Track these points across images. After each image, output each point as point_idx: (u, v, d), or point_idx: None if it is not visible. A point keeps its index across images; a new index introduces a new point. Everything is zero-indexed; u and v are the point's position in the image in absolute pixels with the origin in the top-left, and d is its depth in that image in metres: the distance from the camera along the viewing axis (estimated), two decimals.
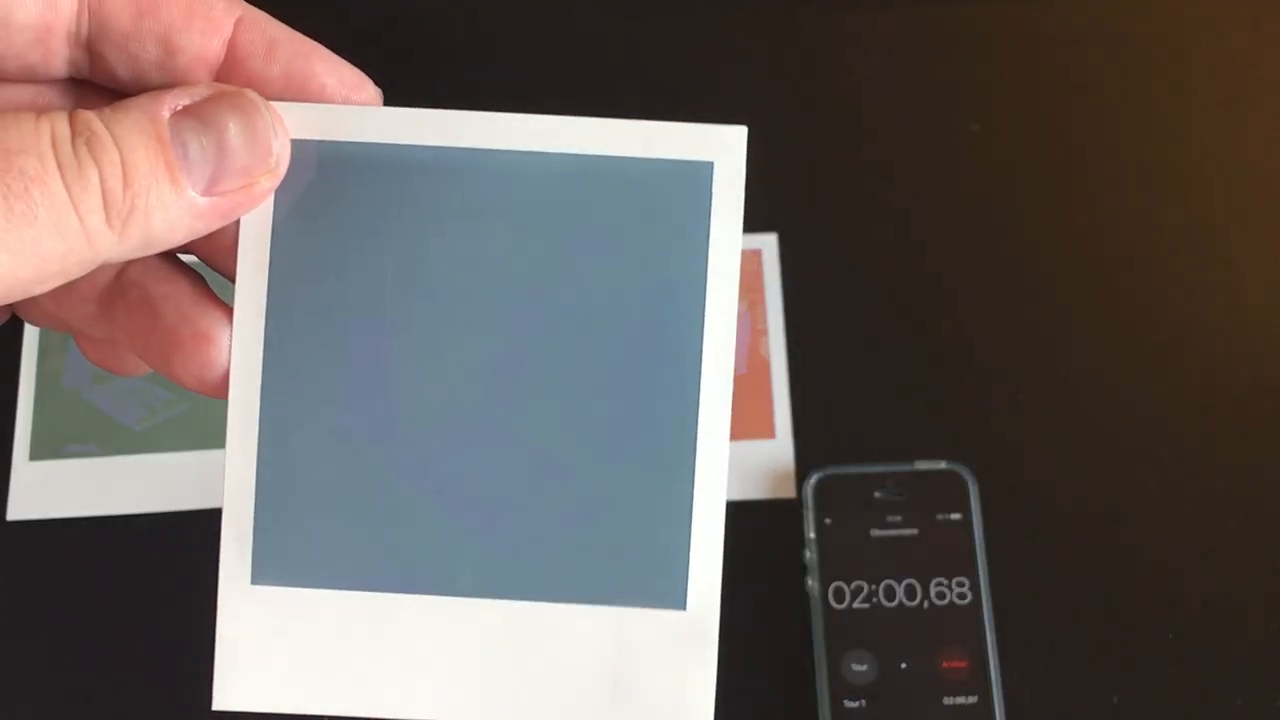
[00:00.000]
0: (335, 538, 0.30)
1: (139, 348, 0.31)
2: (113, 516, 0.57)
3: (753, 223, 0.61)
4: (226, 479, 0.30)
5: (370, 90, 0.30)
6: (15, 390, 0.59)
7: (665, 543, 0.30)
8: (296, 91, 0.29)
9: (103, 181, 0.26)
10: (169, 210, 0.27)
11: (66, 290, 0.30)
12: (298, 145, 0.29)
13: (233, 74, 0.29)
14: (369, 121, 0.29)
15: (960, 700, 0.52)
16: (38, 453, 0.58)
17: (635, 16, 0.66)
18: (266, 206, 0.29)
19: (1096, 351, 0.59)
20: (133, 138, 0.27)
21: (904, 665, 0.52)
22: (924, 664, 0.52)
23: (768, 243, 0.61)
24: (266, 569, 0.30)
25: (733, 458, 0.58)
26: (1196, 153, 0.63)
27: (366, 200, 0.29)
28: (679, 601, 0.30)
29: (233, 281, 0.30)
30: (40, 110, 0.27)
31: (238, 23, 0.29)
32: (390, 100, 0.31)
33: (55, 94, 0.30)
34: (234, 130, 0.28)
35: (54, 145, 0.26)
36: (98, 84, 0.30)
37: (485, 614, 0.30)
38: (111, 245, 0.27)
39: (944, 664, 0.52)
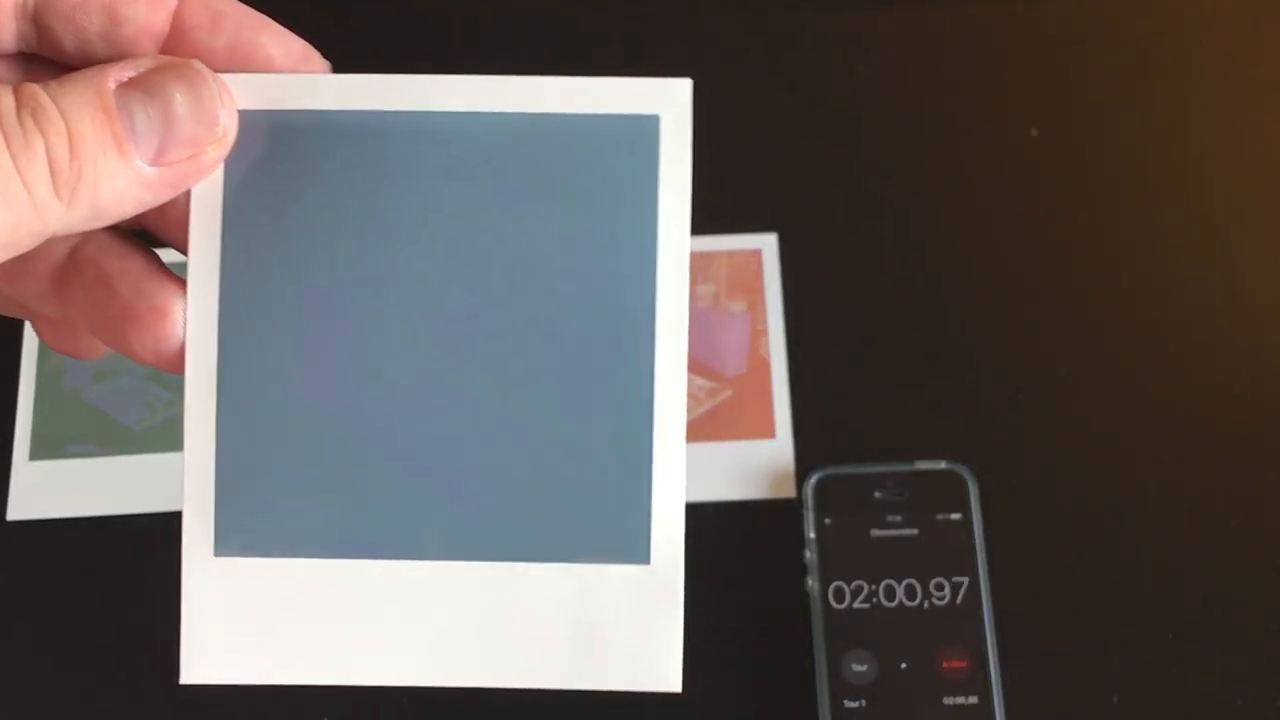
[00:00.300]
0: (298, 506, 0.29)
1: (95, 325, 0.30)
2: (113, 516, 0.57)
3: (753, 223, 0.61)
4: (186, 451, 0.29)
5: (318, 61, 0.30)
6: (15, 390, 0.59)
7: (627, 498, 0.29)
8: (243, 62, 0.29)
9: (49, 151, 0.26)
10: (117, 180, 0.27)
11: (20, 269, 0.30)
12: (246, 116, 0.29)
13: (179, 46, 0.29)
14: (316, 89, 0.29)
15: (960, 700, 0.52)
16: (38, 453, 0.58)
17: (633, 16, 0.66)
18: (217, 178, 0.29)
19: (1096, 351, 0.59)
20: (79, 109, 0.27)
21: (904, 665, 0.52)
22: (924, 664, 0.52)
23: (768, 243, 0.61)
24: (229, 540, 0.30)
25: (733, 458, 0.58)
26: (1196, 153, 0.63)
27: (317, 168, 0.29)
28: (643, 556, 0.30)
29: (186, 255, 0.30)
30: None
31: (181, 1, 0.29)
32: (348, 69, 0.31)
33: (3, 69, 0.30)
34: (180, 100, 0.28)
35: None
36: (46, 58, 0.30)
37: (452, 576, 0.29)
38: (60, 216, 0.27)
39: (944, 664, 0.52)
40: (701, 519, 0.56)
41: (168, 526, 0.56)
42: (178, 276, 0.30)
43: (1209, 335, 0.59)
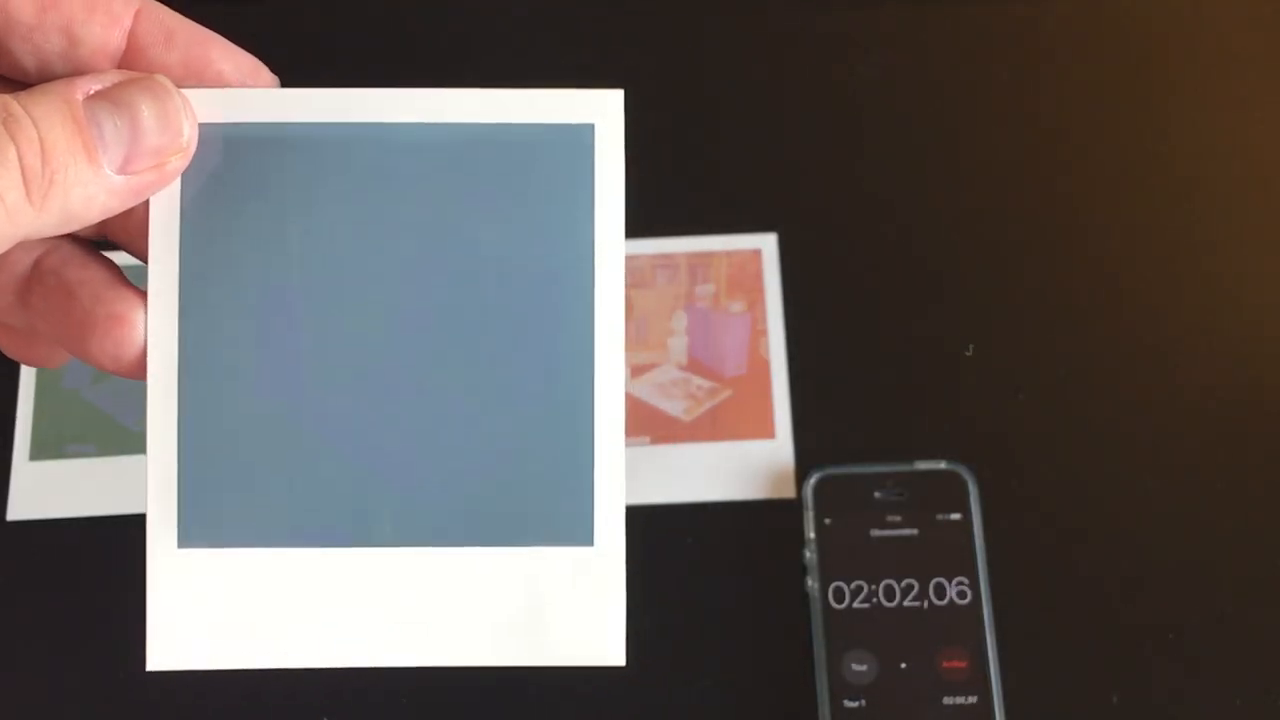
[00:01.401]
0: (257, 498, 0.31)
1: (57, 333, 0.31)
2: (112, 516, 0.57)
3: (753, 223, 0.61)
4: (149, 449, 0.31)
5: (266, 75, 0.32)
6: (15, 390, 0.59)
7: (570, 484, 0.31)
8: (195, 78, 0.31)
9: (21, 159, 0.27)
10: (86, 187, 0.28)
11: None
12: (203, 128, 0.31)
13: (134, 62, 0.30)
14: (268, 103, 0.31)
15: (960, 700, 0.52)
16: (38, 453, 0.58)
17: (635, 13, 0.66)
18: (175, 187, 0.31)
19: (1096, 352, 0.59)
20: (50, 118, 0.28)
21: (904, 665, 0.52)
22: (924, 664, 0.52)
23: (768, 243, 0.61)
24: (192, 532, 0.31)
25: (733, 458, 0.58)
26: (1197, 154, 0.63)
27: (269, 177, 0.31)
28: (586, 538, 0.31)
29: (146, 261, 0.31)
30: None
31: (137, 14, 0.31)
32: (302, 84, 0.32)
33: None
34: (147, 112, 0.29)
35: None
36: (6, 77, 0.31)
37: (404, 562, 0.31)
38: (31, 220, 0.28)
39: (944, 664, 0.52)
40: (701, 519, 0.56)
41: None
42: (136, 287, 0.31)
43: (1209, 335, 0.59)
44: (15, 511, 0.57)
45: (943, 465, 0.56)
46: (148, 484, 0.31)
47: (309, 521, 0.31)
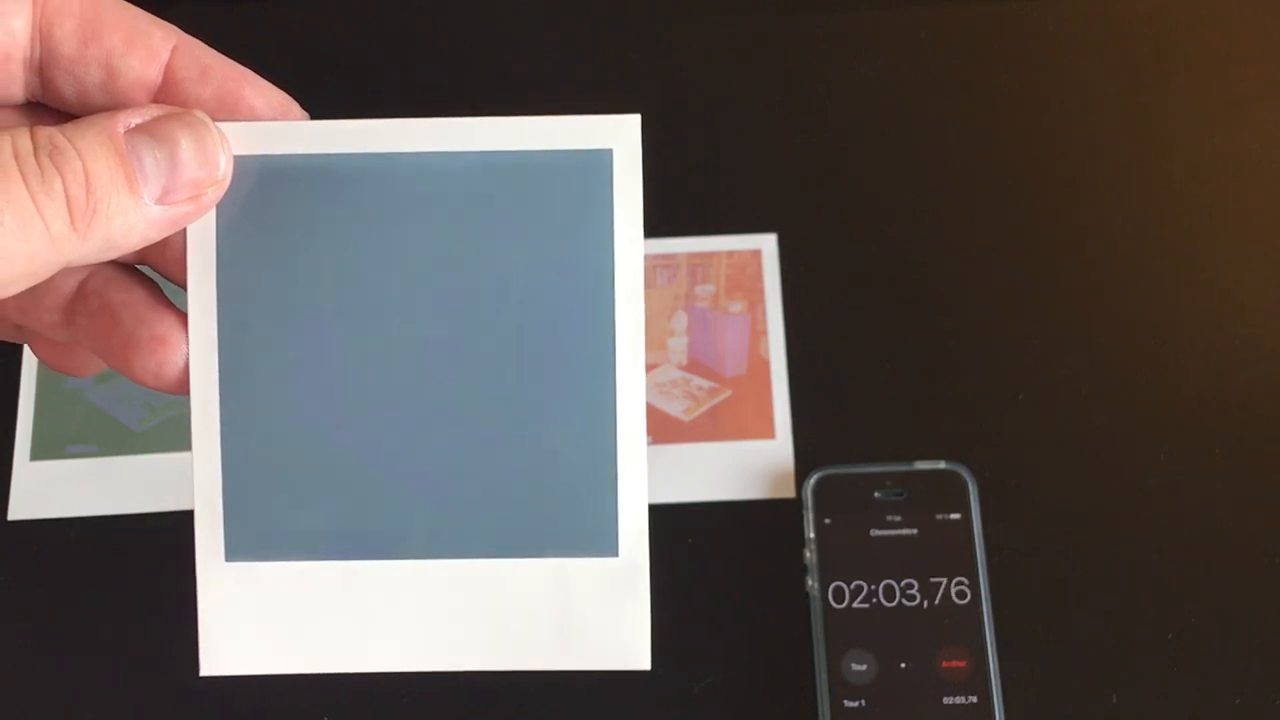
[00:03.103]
0: (297, 514, 0.33)
1: (101, 351, 0.33)
2: (113, 516, 0.57)
3: (753, 223, 0.61)
4: (195, 468, 0.32)
5: (296, 111, 0.33)
6: (16, 390, 0.59)
7: (595, 497, 0.32)
8: (227, 112, 0.32)
9: (66, 189, 0.29)
10: (128, 216, 0.30)
11: (34, 300, 0.32)
12: (235, 160, 0.32)
13: (170, 96, 0.32)
14: (298, 135, 0.32)
15: (960, 700, 0.52)
16: (39, 453, 0.58)
17: (635, 14, 0.66)
18: (210, 217, 0.32)
19: (1096, 352, 0.59)
20: (94, 150, 0.29)
21: (904, 665, 0.52)
22: (924, 664, 0.52)
23: (768, 243, 0.61)
24: (238, 546, 0.33)
25: (733, 458, 0.58)
26: (1198, 154, 0.63)
27: (300, 206, 0.32)
28: (611, 549, 0.32)
29: (184, 288, 0.33)
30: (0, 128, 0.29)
31: (174, 49, 0.32)
32: (327, 114, 0.33)
33: (11, 117, 0.33)
34: (186, 145, 0.31)
35: (16, 157, 0.28)
36: (48, 107, 0.32)
37: (436, 573, 0.32)
38: (75, 248, 0.29)
39: (944, 664, 0.52)
40: (701, 519, 0.57)
41: (169, 526, 0.57)
42: (177, 307, 0.33)
43: (1209, 335, 0.59)
44: (16, 511, 0.57)
45: (942, 465, 0.56)
46: (195, 500, 0.32)
47: (347, 535, 0.33)
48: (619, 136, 0.33)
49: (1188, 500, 0.56)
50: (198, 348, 0.32)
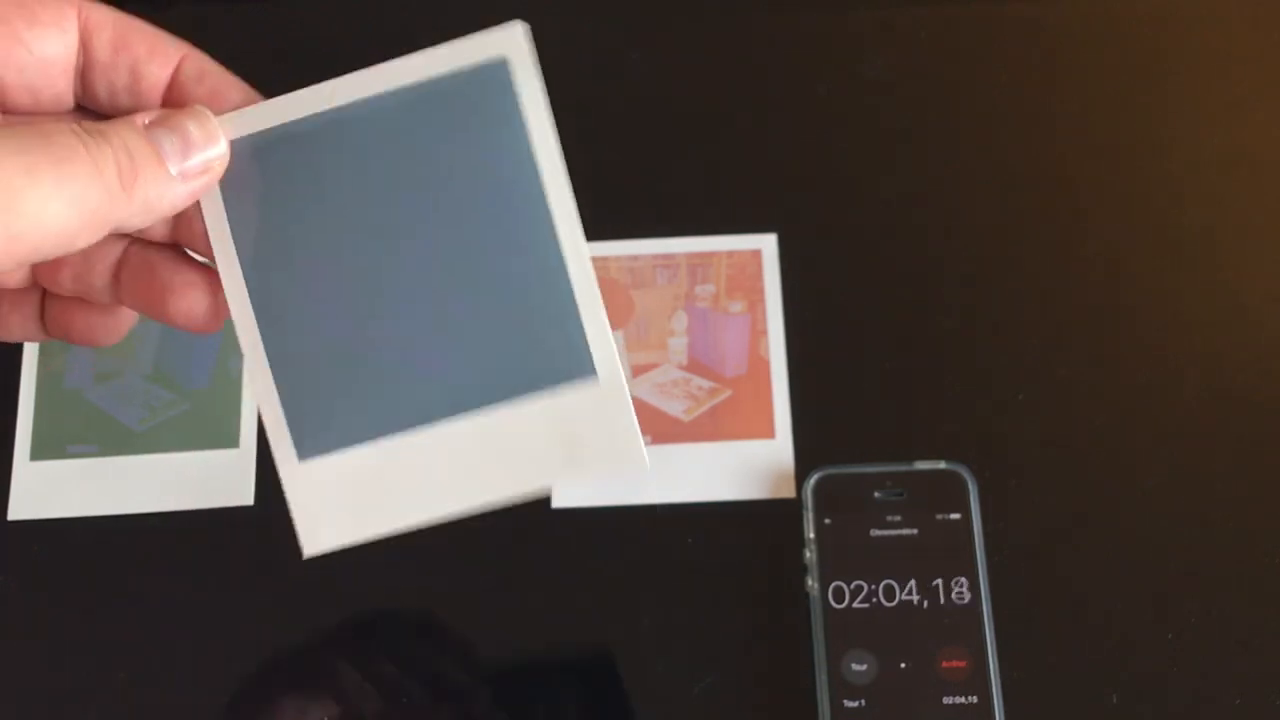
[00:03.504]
0: (340, 411, 0.40)
1: (142, 302, 0.40)
2: (114, 516, 0.57)
3: (753, 223, 0.61)
4: (256, 392, 0.40)
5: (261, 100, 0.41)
6: (16, 390, 0.59)
7: (565, 333, 0.39)
8: (218, 105, 0.40)
9: (115, 157, 0.36)
10: (159, 185, 0.37)
11: (87, 264, 0.40)
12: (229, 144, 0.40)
13: (176, 93, 0.40)
14: (265, 114, 0.40)
15: (960, 700, 0.52)
16: (39, 453, 0.58)
17: (635, 14, 0.66)
18: (218, 194, 0.40)
19: (1096, 352, 0.59)
20: (127, 134, 0.37)
21: (904, 665, 0.52)
22: (923, 664, 0.52)
23: (767, 243, 0.61)
24: (306, 448, 0.40)
25: (733, 457, 0.58)
26: (1198, 154, 0.63)
27: (280, 168, 0.39)
28: (590, 371, 0.39)
29: (211, 259, 0.40)
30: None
31: (182, 58, 0.40)
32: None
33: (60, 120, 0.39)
34: (193, 129, 0.38)
35: (76, 133, 0.36)
36: (85, 111, 0.40)
37: (457, 428, 0.39)
38: (124, 207, 0.36)
39: (943, 664, 0.52)
40: (701, 519, 0.57)
41: (169, 526, 0.57)
42: (203, 262, 0.41)
43: (1208, 335, 0.59)
44: (16, 511, 0.57)
45: (942, 465, 0.56)
46: (263, 419, 0.40)
47: (379, 417, 0.40)
48: (510, 44, 0.38)
49: (1188, 500, 0.56)
50: (232, 293, 0.40)
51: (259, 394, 0.40)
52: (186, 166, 0.38)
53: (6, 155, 0.34)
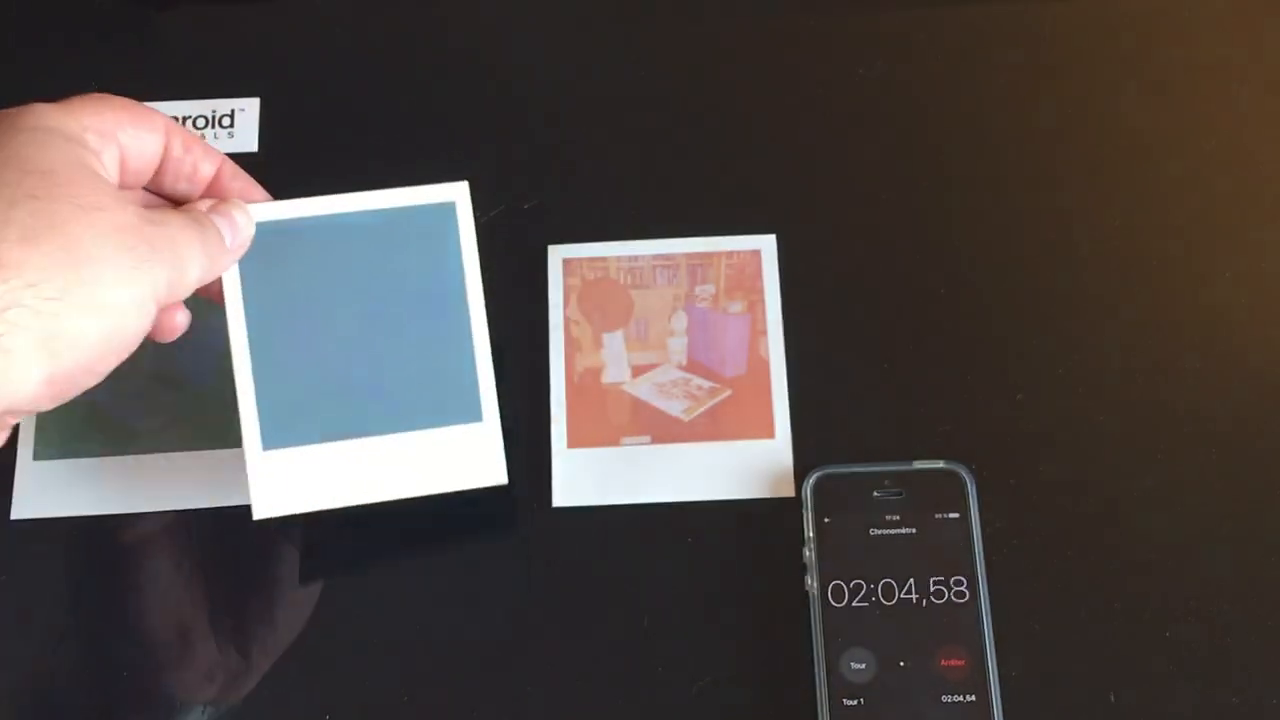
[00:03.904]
0: (298, 419, 0.54)
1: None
2: (115, 516, 0.57)
3: (753, 223, 0.62)
4: (240, 399, 0.53)
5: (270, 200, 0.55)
6: None
7: (464, 391, 0.54)
8: (246, 199, 0.53)
9: (207, 235, 0.50)
10: (223, 255, 0.52)
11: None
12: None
13: (216, 185, 0.53)
14: (274, 211, 0.54)
15: (958, 698, 0.52)
16: (41, 452, 0.58)
17: (635, 13, 0.66)
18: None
19: (1095, 352, 0.59)
20: (207, 220, 0.51)
21: (903, 663, 0.53)
22: (922, 662, 0.53)
23: (767, 243, 0.61)
24: (268, 440, 0.54)
25: (732, 457, 0.59)
26: (1197, 154, 0.63)
27: (281, 248, 0.54)
28: (478, 417, 0.54)
29: (221, 305, 0.54)
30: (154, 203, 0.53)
31: (222, 160, 0.53)
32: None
33: (137, 197, 0.52)
34: (239, 218, 0.52)
35: (199, 215, 0.51)
36: (151, 191, 0.53)
37: (384, 443, 0.54)
38: (228, 261, 0.52)
39: (942, 662, 0.53)
40: (701, 518, 0.57)
41: (170, 525, 0.57)
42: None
43: (1208, 335, 0.59)
44: (19, 510, 0.57)
45: (941, 464, 0.56)
46: (241, 418, 0.53)
47: (328, 428, 0.54)
48: (457, 194, 0.55)
49: (1187, 500, 0.57)
50: (234, 334, 0.53)
51: (241, 401, 0.53)
52: (234, 244, 0.52)
53: (179, 230, 0.48)
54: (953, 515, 0.55)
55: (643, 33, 0.66)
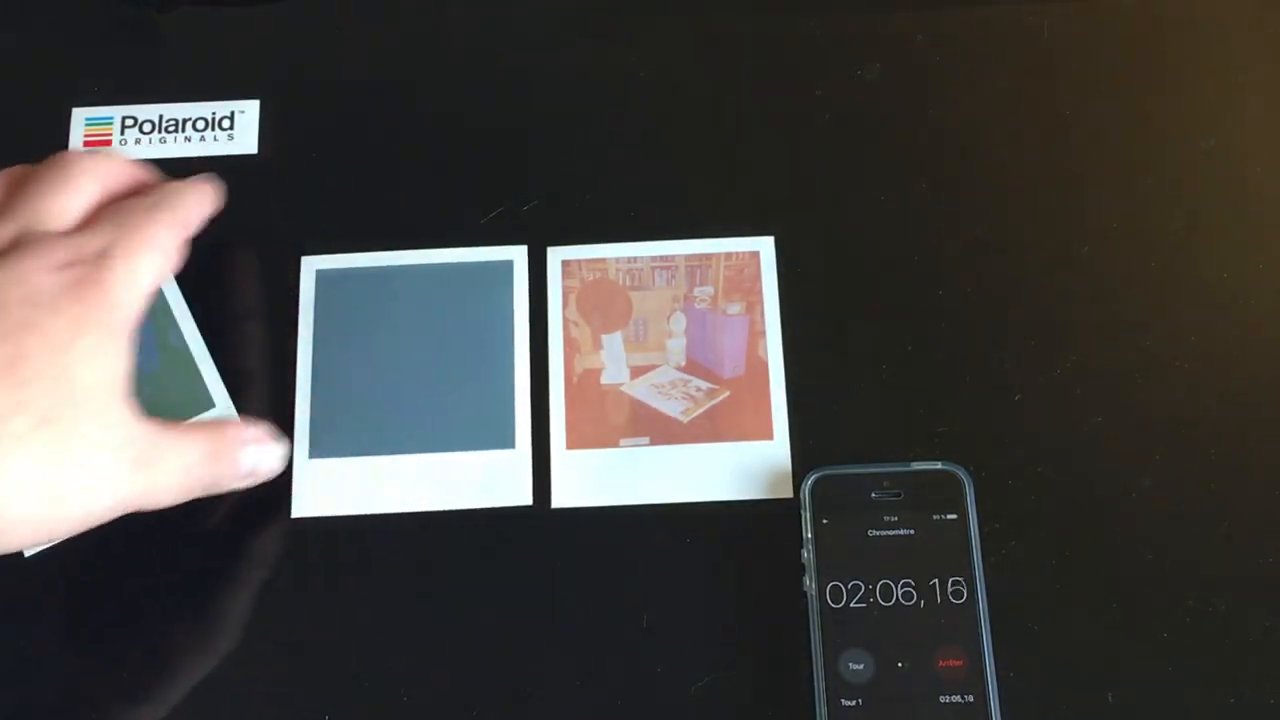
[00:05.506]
0: (343, 434, 0.59)
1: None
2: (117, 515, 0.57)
3: (752, 224, 0.62)
4: (297, 416, 0.59)
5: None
6: None
7: (500, 422, 0.59)
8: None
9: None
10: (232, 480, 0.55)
11: None
12: (322, 273, 0.62)
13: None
14: (358, 260, 0.62)
15: (957, 699, 0.52)
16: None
17: (634, 13, 0.67)
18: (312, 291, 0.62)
19: (1094, 352, 0.59)
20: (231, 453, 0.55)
21: (901, 664, 0.53)
22: (921, 663, 0.53)
23: (766, 244, 0.61)
24: (314, 450, 0.58)
25: (731, 458, 0.59)
26: (1197, 154, 0.63)
27: (357, 293, 0.61)
28: (511, 444, 0.58)
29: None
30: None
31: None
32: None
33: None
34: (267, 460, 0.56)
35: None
36: None
37: (417, 461, 0.58)
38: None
39: (940, 663, 0.53)
40: (700, 519, 0.57)
41: (171, 525, 0.57)
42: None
43: (1207, 335, 0.59)
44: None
45: (939, 466, 0.56)
46: (295, 430, 0.58)
47: (371, 445, 0.58)
48: (515, 254, 0.61)
49: (1186, 500, 0.57)
50: (303, 350, 0.60)
51: (299, 412, 0.59)
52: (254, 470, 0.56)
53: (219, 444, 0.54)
54: (951, 516, 0.55)
55: (642, 33, 0.66)
